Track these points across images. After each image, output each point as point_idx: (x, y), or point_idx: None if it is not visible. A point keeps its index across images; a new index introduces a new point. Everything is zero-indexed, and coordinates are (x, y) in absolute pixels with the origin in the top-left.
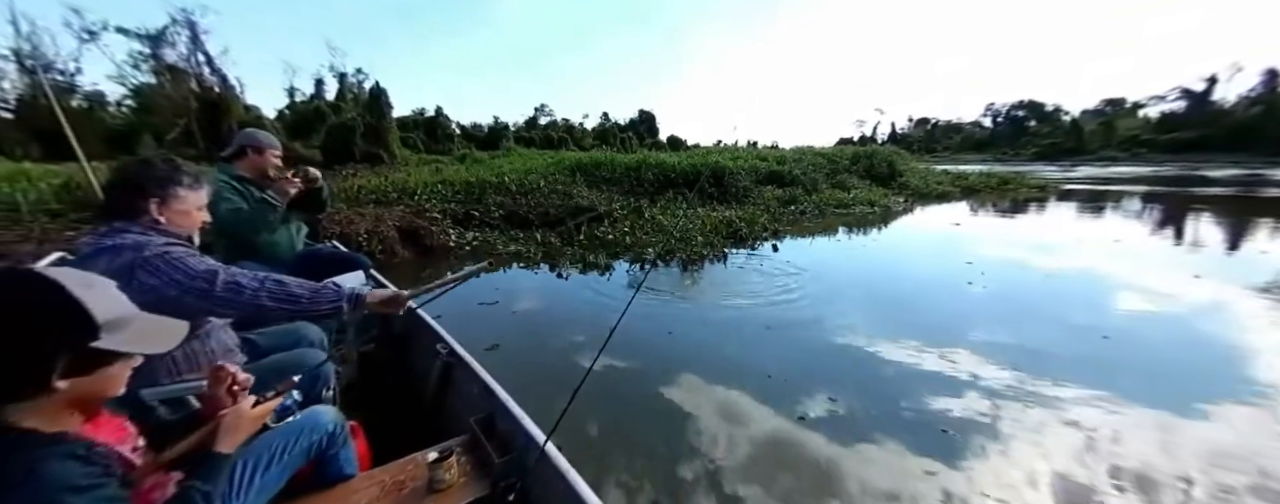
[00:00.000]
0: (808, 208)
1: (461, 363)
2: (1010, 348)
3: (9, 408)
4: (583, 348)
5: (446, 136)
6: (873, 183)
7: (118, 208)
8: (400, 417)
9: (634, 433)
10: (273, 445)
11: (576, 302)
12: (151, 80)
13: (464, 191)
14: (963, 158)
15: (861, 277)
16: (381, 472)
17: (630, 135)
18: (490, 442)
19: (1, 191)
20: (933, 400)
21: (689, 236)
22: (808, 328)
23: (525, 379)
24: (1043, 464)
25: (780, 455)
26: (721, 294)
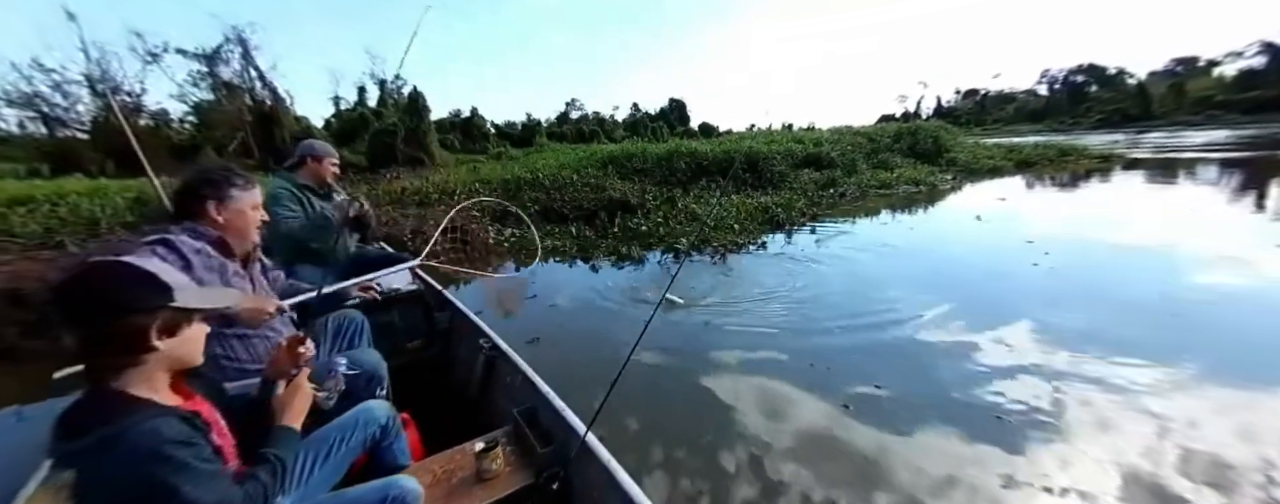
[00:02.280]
0: (848, 190)
1: (504, 357)
2: (1074, 330)
3: (124, 374)
4: (619, 339)
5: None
6: (917, 161)
7: (183, 210)
8: (447, 409)
9: (673, 422)
10: (331, 438)
11: (612, 294)
12: (209, 97)
13: (501, 189)
14: (1016, 129)
15: (908, 259)
16: (432, 461)
17: (661, 125)
18: (533, 432)
19: (83, 206)
20: (989, 386)
21: (724, 224)
22: (851, 314)
23: (564, 372)
24: (1109, 452)
25: (824, 445)
26: (759, 281)
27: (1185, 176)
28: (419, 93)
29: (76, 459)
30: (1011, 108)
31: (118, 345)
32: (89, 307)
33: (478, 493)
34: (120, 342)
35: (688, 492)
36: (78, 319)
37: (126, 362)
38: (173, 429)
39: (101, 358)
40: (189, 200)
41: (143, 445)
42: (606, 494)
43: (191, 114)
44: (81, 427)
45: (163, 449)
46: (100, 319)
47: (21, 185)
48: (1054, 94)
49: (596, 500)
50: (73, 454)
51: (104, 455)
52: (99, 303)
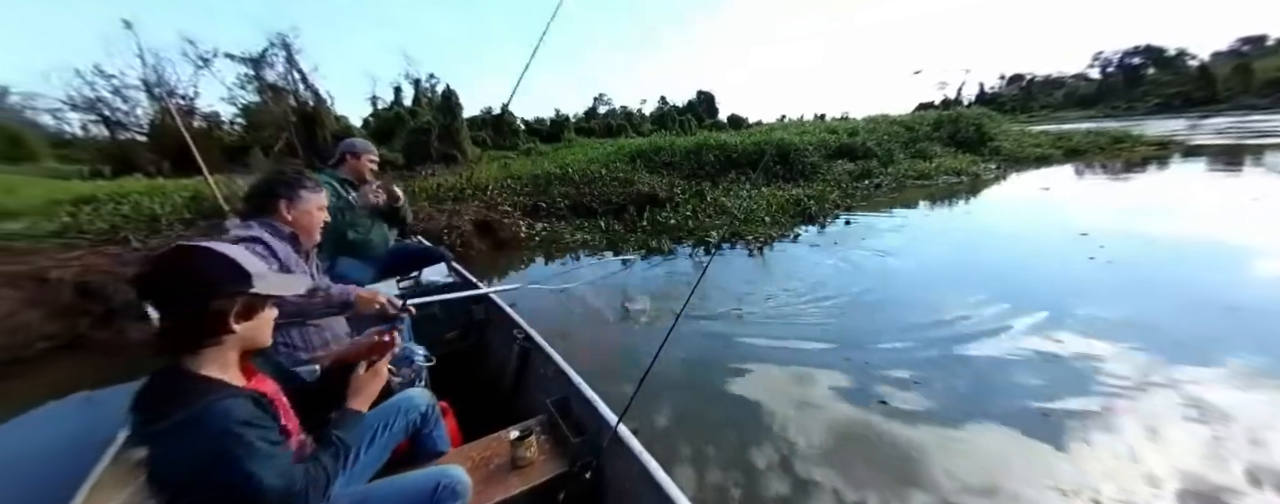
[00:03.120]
0: (884, 181)
1: (537, 348)
2: (1132, 326)
3: (201, 354)
4: (650, 332)
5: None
6: (958, 150)
7: (257, 207)
8: (484, 398)
9: (705, 415)
10: (375, 424)
11: (641, 287)
12: (256, 99)
13: (531, 184)
14: (1065, 116)
15: (949, 251)
16: (470, 448)
17: (689, 117)
18: (566, 422)
19: (144, 205)
20: (1036, 383)
21: (754, 217)
22: (887, 307)
23: (595, 363)
24: (1165, 455)
25: (858, 440)
26: (792, 274)
27: (1252, 164)
28: (452, 91)
29: (155, 439)
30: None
31: (199, 326)
32: (175, 288)
33: (513, 480)
34: (202, 323)
35: (719, 483)
36: (164, 299)
37: (205, 342)
38: (244, 410)
39: (183, 337)
40: (264, 199)
41: (216, 426)
42: (638, 484)
43: (240, 116)
44: (160, 408)
45: (234, 429)
46: (185, 300)
47: (86, 185)
48: (1107, 78)
49: (628, 490)
50: (151, 435)
51: (181, 436)
52: (185, 284)
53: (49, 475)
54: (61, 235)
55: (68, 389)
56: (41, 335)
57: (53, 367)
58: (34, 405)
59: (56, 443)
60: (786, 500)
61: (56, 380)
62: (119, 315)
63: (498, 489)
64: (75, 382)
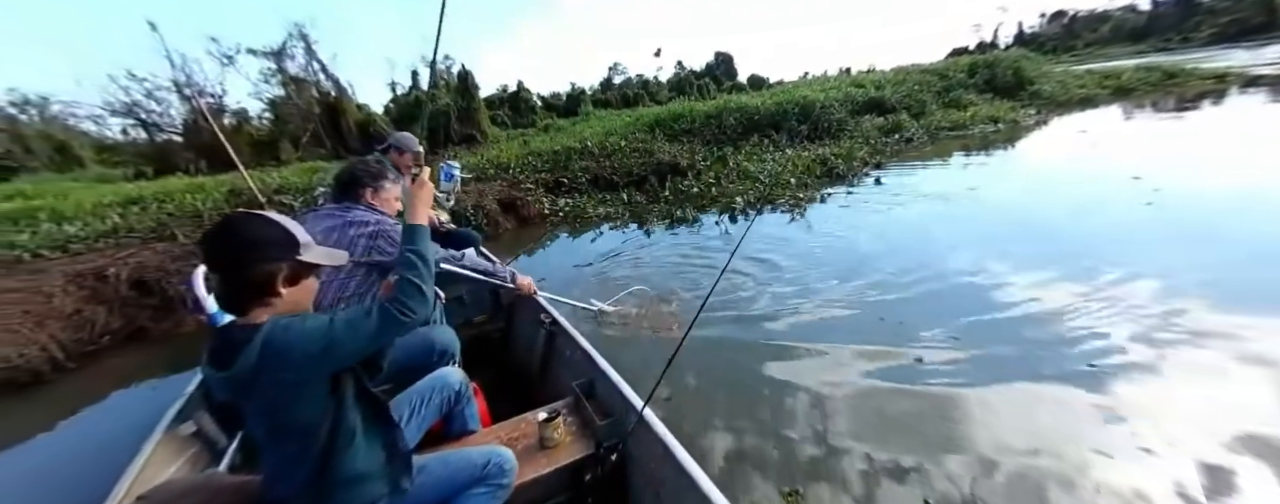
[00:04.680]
0: (915, 134)
1: (563, 331)
2: (1192, 275)
3: (252, 314)
4: (681, 299)
5: (529, 109)
6: (995, 96)
7: (345, 192)
8: (511, 380)
9: (733, 388)
10: (412, 401)
11: (666, 260)
12: (280, 92)
13: (551, 160)
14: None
15: (987, 205)
16: (499, 428)
17: (707, 81)
18: (592, 405)
19: (186, 202)
20: (1086, 338)
21: (779, 181)
22: (924, 266)
23: (620, 345)
24: (1222, 412)
25: (893, 406)
26: (822, 238)
27: None
28: (468, 72)
29: (238, 378)
30: (1107, 28)
31: (250, 287)
32: (229, 251)
33: (541, 460)
34: (253, 284)
35: (751, 457)
36: (220, 262)
37: (255, 303)
38: (295, 318)
39: (237, 298)
40: (352, 186)
41: (279, 334)
42: (663, 467)
43: (267, 110)
44: (229, 355)
45: (300, 325)
46: (238, 262)
47: (131, 187)
48: (1157, 8)
49: (654, 472)
50: (233, 377)
51: (261, 359)
52: (238, 248)
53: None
54: (114, 235)
55: (133, 378)
56: (107, 329)
57: (118, 357)
58: (105, 393)
59: (126, 429)
60: (820, 462)
61: (123, 369)
62: (173, 307)
63: (527, 469)
64: (140, 371)
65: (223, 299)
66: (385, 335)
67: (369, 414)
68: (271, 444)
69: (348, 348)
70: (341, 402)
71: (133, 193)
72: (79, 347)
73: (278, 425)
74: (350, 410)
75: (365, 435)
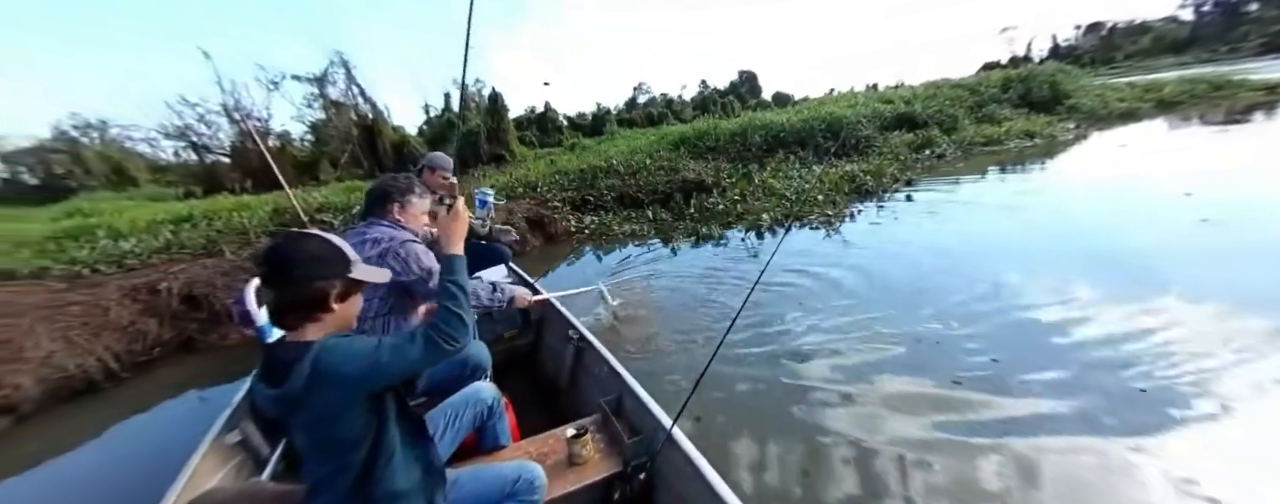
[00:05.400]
0: (947, 150)
1: (591, 348)
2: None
3: (305, 329)
4: (702, 325)
5: (556, 129)
6: (1031, 111)
7: (373, 208)
8: (540, 395)
9: (764, 409)
10: (447, 414)
11: (692, 277)
12: (321, 116)
13: (577, 179)
14: (1153, 64)
15: (1030, 221)
16: (528, 443)
17: (732, 99)
18: (620, 422)
19: (234, 219)
20: (1134, 363)
21: (806, 198)
22: (961, 286)
23: (648, 361)
24: None
25: (932, 433)
26: (854, 255)
27: None
28: (498, 94)
29: (289, 396)
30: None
31: (305, 303)
32: (287, 268)
33: (570, 476)
34: (307, 300)
35: (779, 486)
36: (277, 278)
37: (309, 317)
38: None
39: (291, 313)
40: (382, 201)
41: (326, 355)
42: (692, 485)
43: (308, 132)
44: (282, 372)
45: (341, 345)
46: (294, 279)
47: (182, 205)
48: (1202, 18)
49: (682, 491)
50: (284, 395)
51: (312, 378)
52: (296, 264)
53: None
54: (166, 251)
55: (181, 387)
56: (158, 341)
57: (169, 368)
58: (155, 402)
59: (174, 436)
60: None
61: (172, 379)
62: (221, 320)
63: (556, 485)
64: (189, 381)
65: (276, 314)
66: (428, 361)
67: (408, 431)
68: (315, 458)
69: (392, 370)
70: (383, 419)
71: (183, 211)
72: (132, 357)
73: (322, 441)
74: (391, 428)
75: (404, 452)
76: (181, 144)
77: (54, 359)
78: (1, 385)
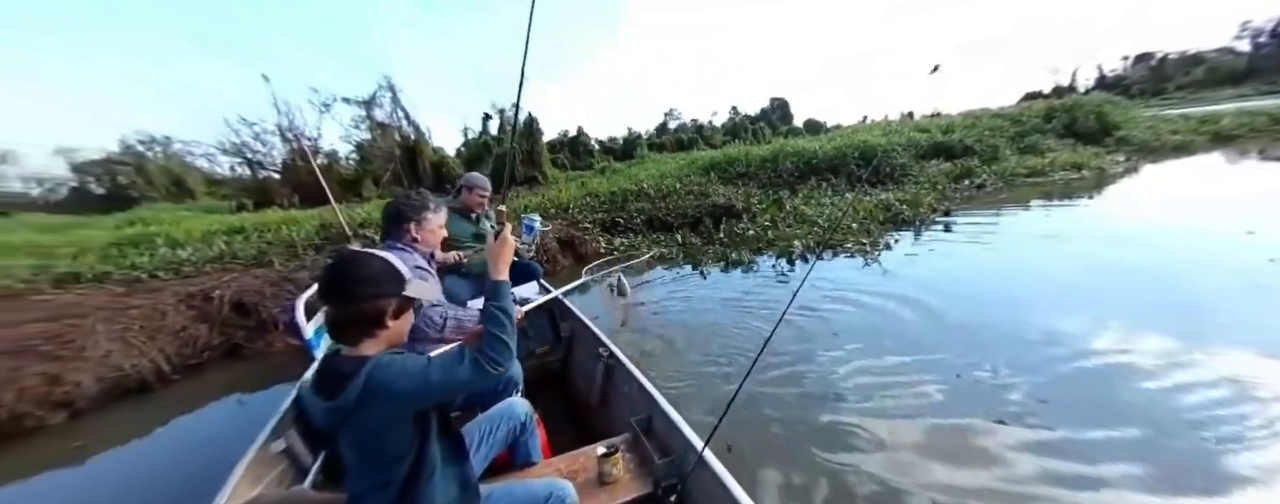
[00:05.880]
0: (987, 180)
1: (621, 366)
2: None
3: (362, 344)
4: (733, 350)
5: (587, 153)
6: (1077, 142)
7: (390, 229)
8: (570, 412)
9: (796, 440)
10: (481, 428)
11: (721, 301)
12: (367, 136)
13: (608, 201)
14: (1209, 96)
15: (1073, 257)
16: (559, 460)
17: (762, 125)
18: (651, 443)
19: (283, 233)
20: (1199, 414)
21: (839, 225)
22: (1006, 322)
23: (678, 382)
24: None
25: (971, 481)
26: (891, 285)
27: None
28: (533, 118)
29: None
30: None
31: (363, 319)
32: (348, 285)
33: (601, 496)
34: (365, 317)
35: None
36: (338, 295)
37: (366, 333)
38: (398, 356)
39: (350, 330)
40: (397, 221)
41: (380, 372)
42: None
43: (354, 151)
44: (337, 386)
45: (397, 362)
46: (355, 297)
47: (234, 218)
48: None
49: None
50: (338, 408)
51: (364, 394)
52: (356, 283)
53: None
54: (219, 260)
55: (225, 391)
56: (207, 346)
57: (216, 372)
58: (199, 404)
59: (215, 438)
60: None
61: (217, 383)
62: (266, 329)
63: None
64: (234, 385)
65: (335, 330)
66: (474, 383)
67: (448, 446)
68: (359, 471)
69: (441, 389)
70: (426, 435)
71: (236, 223)
72: (182, 360)
73: (368, 454)
74: (433, 444)
75: (444, 468)
76: (237, 160)
77: (111, 359)
78: (63, 382)
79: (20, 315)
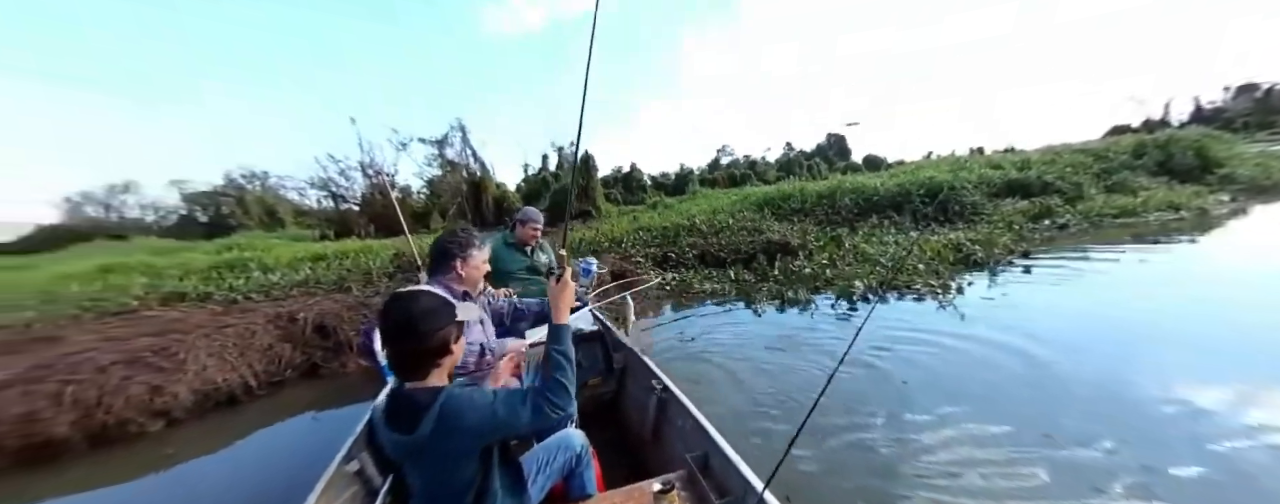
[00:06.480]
0: (1070, 221)
1: (675, 399)
2: None
3: (432, 374)
4: (791, 390)
5: (640, 188)
6: (1172, 179)
7: (437, 266)
8: (622, 445)
9: (864, 492)
10: (538, 458)
11: (777, 339)
12: (438, 173)
13: (660, 235)
14: None
15: (1179, 306)
16: (614, 494)
17: (817, 161)
18: (707, 481)
19: (360, 261)
20: None
21: (904, 265)
22: (1112, 377)
23: (732, 420)
24: None
25: None
26: (969, 330)
27: None
28: (589, 155)
29: (417, 442)
30: None
31: (434, 350)
32: (412, 323)
33: None
34: (436, 347)
35: None
36: (404, 333)
37: (433, 363)
38: (466, 389)
39: (418, 363)
40: (443, 257)
41: (453, 405)
42: None
43: (425, 187)
44: (412, 419)
45: (467, 396)
46: (421, 332)
47: (318, 246)
48: None
49: None
50: (413, 440)
51: (438, 427)
52: (418, 319)
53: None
54: (304, 285)
55: (302, 408)
56: (290, 364)
57: (295, 389)
58: (279, 419)
59: (291, 450)
60: None
61: (296, 400)
62: (342, 350)
63: None
64: (309, 402)
65: (402, 366)
66: (534, 426)
67: (508, 476)
68: (425, 498)
69: (504, 427)
70: (489, 467)
71: (319, 251)
72: (268, 376)
73: (434, 483)
74: (495, 475)
75: (504, 497)
76: (323, 193)
77: (206, 372)
78: (164, 392)
79: (133, 329)
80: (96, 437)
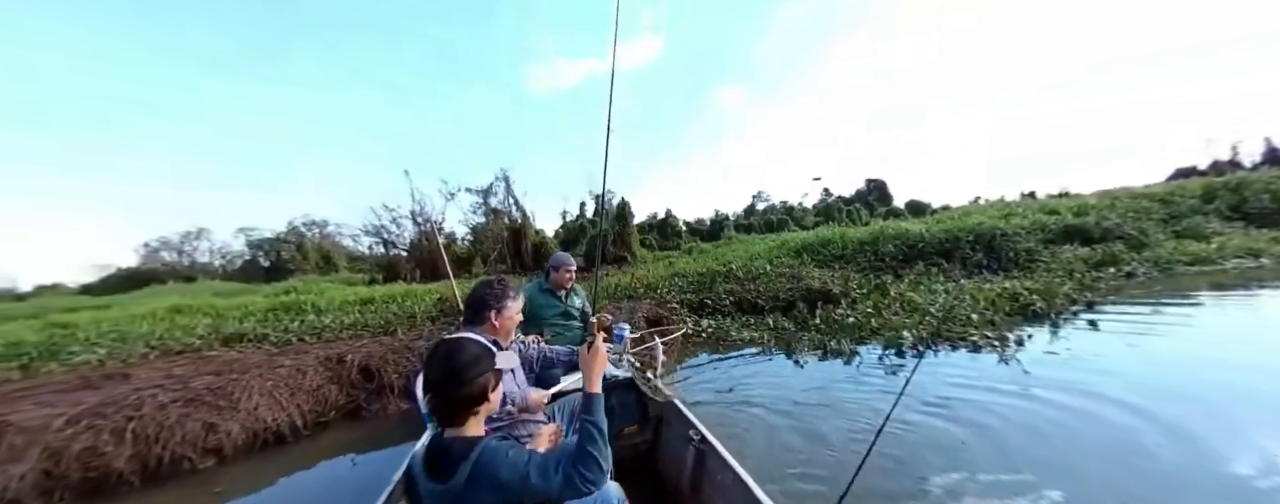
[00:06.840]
0: (1138, 269)
1: (714, 452)
2: None
3: (469, 421)
4: (835, 447)
5: (675, 233)
6: (1248, 224)
7: (472, 316)
8: (660, 498)
9: None
10: None
11: (819, 392)
12: (481, 220)
13: (696, 281)
14: None
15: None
16: None
17: (857, 207)
18: None
19: (405, 305)
20: None
21: (955, 315)
22: (1185, 441)
23: (771, 477)
24: None
25: None
26: (1030, 385)
27: None
28: (625, 203)
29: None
30: None
31: (474, 397)
32: (457, 372)
33: None
34: (476, 394)
35: None
36: (449, 382)
37: (471, 411)
38: (503, 444)
39: (459, 409)
40: (480, 309)
41: (489, 459)
42: None
43: (469, 234)
44: (450, 468)
45: (503, 452)
46: (464, 380)
47: (366, 290)
48: None
49: None
50: (450, 489)
51: (473, 479)
52: (462, 368)
53: None
54: (353, 327)
55: (342, 450)
56: (335, 406)
57: (337, 431)
58: (320, 460)
59: (330, 492)
60: None
61: (336, 442)
62: (384, 393)
63: None
64: (350, 445)
65: (444, 414)
66: (563, 496)
67: None
68: None
69: (535, 494)
70: None
71: (367, 295)
72: (315, 417)
73: None
74: None
75: None
76: (375, 239)
77: (259, 412)
78: (217, 430)
79: (195, 368)
80: (151, 472)
